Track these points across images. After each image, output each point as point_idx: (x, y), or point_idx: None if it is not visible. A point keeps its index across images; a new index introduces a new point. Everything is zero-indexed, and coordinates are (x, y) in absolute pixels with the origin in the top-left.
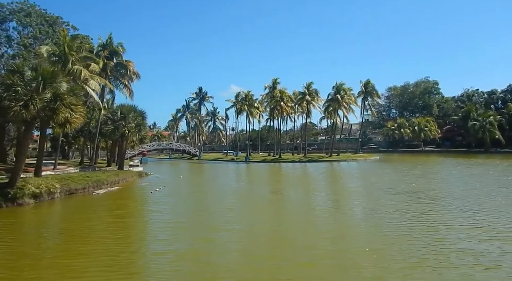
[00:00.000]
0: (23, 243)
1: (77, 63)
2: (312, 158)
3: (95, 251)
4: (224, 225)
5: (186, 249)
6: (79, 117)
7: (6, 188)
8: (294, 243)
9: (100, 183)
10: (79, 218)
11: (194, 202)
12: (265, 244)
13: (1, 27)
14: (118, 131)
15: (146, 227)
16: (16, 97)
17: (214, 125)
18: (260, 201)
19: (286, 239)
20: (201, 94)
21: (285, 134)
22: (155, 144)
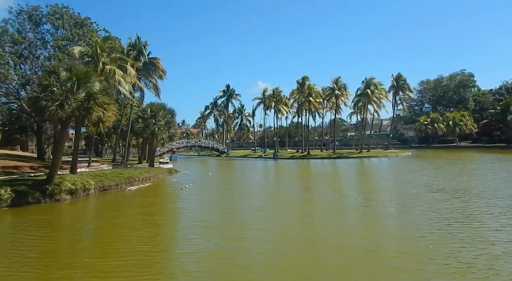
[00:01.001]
0: (56, 240)
1: (109, 63)
2: (341, 155)
3: (125, 249)
4: (253, 224)
5: (214, 249)
6: (112, 115)
7: (44, 184)
8: (326, 244)
9: (132, 180)
10: (111, 215)
11: (222, 200)
12: (295, 245)
13: (36, 30)
14: (149, 129)
15: (175, 226)
16: (53, 97)
17: (242, 122)
18: (289, 199)
19: (317, 239)
20: (229, 92)
21: (314, 131)
22: (184, 142)
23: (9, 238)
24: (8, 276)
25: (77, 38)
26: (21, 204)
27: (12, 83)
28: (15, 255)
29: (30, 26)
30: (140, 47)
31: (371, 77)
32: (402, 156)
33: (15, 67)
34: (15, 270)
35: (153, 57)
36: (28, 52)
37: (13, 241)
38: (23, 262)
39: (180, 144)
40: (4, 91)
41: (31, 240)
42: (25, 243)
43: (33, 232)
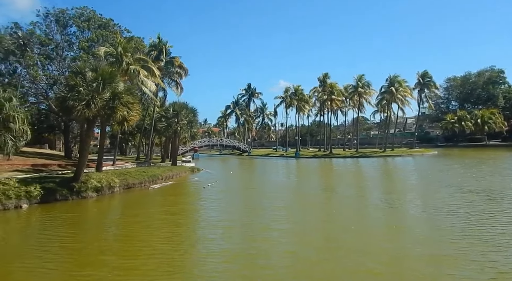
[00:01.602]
0: (80, 237)
1: (133, 63)
2: (364, 154)
3: (146, 249)
4: (275, 224)
5: (235, 250)
6: (136, 115)
7: (71, 182)
8: (349, 247)
9: (155, 178)
10: (134, 213)
11: (244, 199)
12: (318, 246)
13: (63, 32)
14: (171, 128)
15: (196, 225)
16: (79, 97)
17: (263, 121)
18: (311, 199)
19: (340, 241)
20: (250, 91)
21: (336, 129)
22: (206, 140)
23: (37, 234)
24: (29, 271)
25: (102, 40)
26: (49, 200)
27: (40, 84)
28: (40, 251)
29: (57, 28)
30: (161, 47)
31: (395, 74)
32: (428, 155)
33: (43, 68)
34: (37, 266)
35: (175, 57)
36: (55, 54)
37: (40, 237)
38: (47, 259)
39: (202, 143)
40: (34, 91)
41: (57, 237)
42: (51, 240)
43: (59, 229)
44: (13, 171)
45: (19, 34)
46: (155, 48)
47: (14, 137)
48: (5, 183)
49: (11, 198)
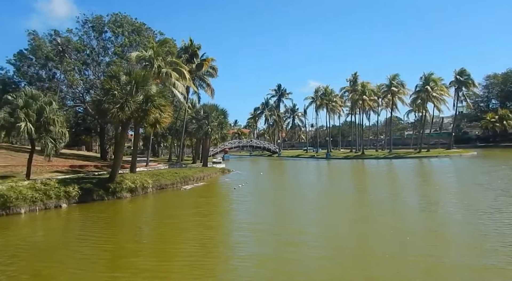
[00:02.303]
0: (114, 239)
1: (165, 66)
2: (398, 155)
3: (177, 251)
4: (307, 228)
5: (267, 254)
6: (167, 117)
7: (107, 182)
8: (385, 253)
9: (187, 179)
10: (167, 214)
11: (275, 201)
12: (353, 252)
13: (99, 38)
14: (202, 129)
15: (228, 227)
16: (114, 100)
17: (293, 122)
18: (344, 201)
19: (376, 247)
20: (280, 91)
21: (368, 129)
22: (236, 142)
23: (73, 234)
24: (62, 270)
25: (135, 44)
26: (87, 200)
27: (78, 88)
28: (73, 251)
29: (94, 35)
30: (193, 49)
31: (430, 72)
32: (467, 156)
33: (80, 73)
34: (69, 266)
35: (206, 58)
36: (91, 59)
37: (75, 237)
38: (79, 258)
39: (232, 144)
40: (71, 95)
41: (91, 237)
42: (86, 240)
43: (95, 229)
44: (53, 172)
45: (58, 41)
46: (187, 50)
47: (54, 139)
48: (46, 183)
49: (52, 198)
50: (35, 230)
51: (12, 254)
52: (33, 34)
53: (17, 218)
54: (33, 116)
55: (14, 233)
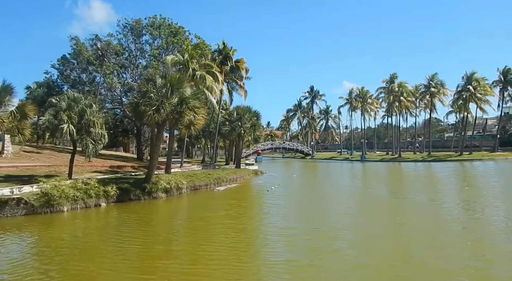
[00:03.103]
0: (145, 240)
1: (199, 69)
2: (437, 157)
3: (208, 255)
4: (340, 233)
5: (300, 261)
6: (201, 119)
7: (143, 183)
8: (424, 262)
9: (220, 180)
10: (200, 216)
11: (308, 204)
12: (388, 260)
13: (137, 41)
14: (235, 131)
15: (260, 232)
16: (150, 102)
17: (327, 124)
18: (380, 206)
19: (414, 256)
20: (313, 93)
21: (405, 131)
22: (268, 144)
23: (110, 232)
24: (95, 269)
25: (172, 46)
26: (124, 200)
27: (116, 91)
28: (107, 251)
29: (132, 38)
30: (226, 51)
31: (472, 71)
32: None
33: (118, 76)
34: (102, 266)
35: (239, 59)
36: (129, 62)
37: (112, 236)
38: (112, 258)
39: (265, 146)
40: (110, 98)
41: (126, 237)
42: (121, 240)
43: (130, 229)
44: (93, 172)
45: (98, 46)
46: (220, 53)
47: (94, 141)
48: (87, 183)
49: (92, 197)
50: (75, 228)
51: (53, 250)
52: (75, 40)
53: (60, 216)
54: (75, 118)
55: (57, 230)
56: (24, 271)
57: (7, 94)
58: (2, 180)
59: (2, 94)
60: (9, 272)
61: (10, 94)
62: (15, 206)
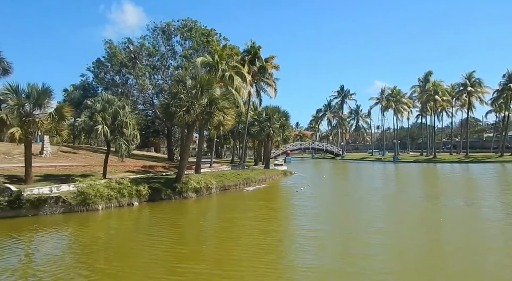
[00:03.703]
0: (173, 240)
1: (228, 70)
2: (475, 158)
3: (234, 258)
4: (372, 238)
5: (327, 266)
6: (231, 119)
7: (174, 183)
8: (459, 270)
9: (249, 180)
10: (228, 217)
11: (339, 206)
12: (422, 267)
13: (168, 43)
14: (264, 131)
15: (288, 234)
16: (180, 103)
17: (358, 124)
18: (414, 209)
19: (449, 263)
20: (343, 92)
21: (441, 131)
22: (297, 144)
23: (141, 232)
24: (125, 268)
25: (202, 48)
26: (155, 199)
27: (147, 92)
28: (137, 250)
29: (163, 40)
30: (255, 51)
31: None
32: None
33: (150, 78)
34: (131, 266)
35: (267, 58)
36: (160, 64)
37: (143, 236)
38: (141, 257)
39: (294, 146)
40: (142, 99)
41: (157, 236)
42: (152, 239)
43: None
44: (126, 172)
45: (131, 48)
46: (249, 52)
47: (127, 141)
48: (120, 182)
49: (125, 196)
50: (109, 227)
51: (87, 247)
52: (109, 43)
53: (95, 214)
54: (109, 119)
55: (92, 228)
56: (60, 267)
57: (46, 96)
58: (42, 179)
59: (42, 97)
60: (46, 268)
61: (49, 96)
62: (53, 204)
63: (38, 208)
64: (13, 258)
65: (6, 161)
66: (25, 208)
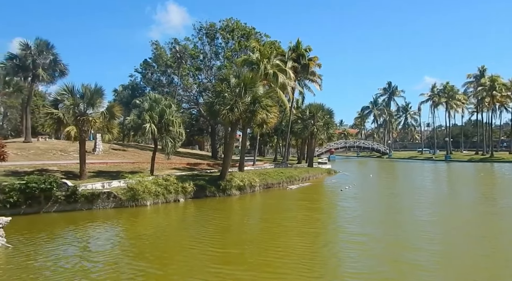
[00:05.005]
0: (215, 240)
1: (271, 68)
2: None
3: (278, 261)
4: (421, 243)
5: (372, 274)
6: (274, 117)
7: (218, 180)
8: None
9: (292, 179)
10: (272, 217)
11: (386, 208)
12: (478, 278)
13: (211, 44)
14: (307, 129)
15: (332, 237)
16: (224, 102)
17: (406, 121)
18: (468, 212)
19: (507, 274)
20: (390, 89)
21: (499, 129)
22: (342, 142)
23: (186, 228)
24: (170, 263)
25: (244, 48)
26: (200, 196)
27: (192, 91)
28: (181, 246)
29: (207, 41)
30: (300, 50)
31: None
32: None
33: (194, 77)
34: (172, 268)
35: (311, 57)
36: (204, 64)
37: (187, 232)
38: (183, 254)
39: (338, 145)
40: (186, 98)
41: (200, 234)
42: (195, 236)
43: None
44: (172, 169)
45: (176, 49)
46: (294, 51)
47: (173, 139)
48: (167, 179)
49: (171, 193)
50: (157, 222)
51: (134, 240)
52: (156, 44)
53: (144, 210)
54: (156, 118)
55: (141, 223)
56: (109, 255)
57: (98, 96)
58: (95, 175)
59: (95, 97)
60: (99, 255)
61: (101, 96)
62: (105, 199)
63: (92, 202)
64: (71, 246)
65: (63, 158)
66: (80, 203)
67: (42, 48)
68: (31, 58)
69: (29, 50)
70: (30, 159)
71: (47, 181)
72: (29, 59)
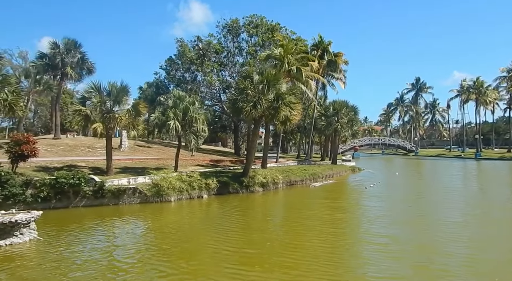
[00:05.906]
0: (237, 238)
1: (295, 64)
2: None
3: (301, 264)
4: (451, 247)
5: (400, 279)
6: (297, 114)
7: (241, 177)
8: None
9: (316, 176)
10: (295, 216)
11: (412, 208)
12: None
13: (235, 40)
14: (331, 126)
15: (356, 239)
16: (247, 98)
17: (433, 118)
18: (501, 214)
19: None
20: (418, 85)
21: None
22: (366, 139)
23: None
24: (189, 260)
25: (268, 43)
26: (223, 193)
27: (215, 88)
28: (201, 243)
29: (231, 37)
30: (323, 46)
31: None
32: None
33: (217, 74)
34: (193, 268)
35: (336, 53)
36: (227, 60)
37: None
38: (202, 250)
39: (363, 142)
40: (209, 95)
41: (222, 230)
42: (217, 234)
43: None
44: (195, 166)
45: (200, 46)
46: (317, 47)
47: (196, 136)
48: (190, 175)
49: (195, 189)
50: (180, 218)
51: (158, 234)
52: (180, 41)
53: (168, 205)
54: (180, 115)
55: (165, 219)
56: (133, 246)
57: (124, 94)
58: (121, 171)
59: (121, 94)
60: (125, 247)
61: (126, 94)
62: (131, 195)
63: (118, 198)
64: (99, 239)
65: (90, 154)
66: (107, 198)
67: (70, 47)
68: (59, 57)
69: (58, 49)
70: (59, 155)
71: (76, 177)
72: (58, 58)
